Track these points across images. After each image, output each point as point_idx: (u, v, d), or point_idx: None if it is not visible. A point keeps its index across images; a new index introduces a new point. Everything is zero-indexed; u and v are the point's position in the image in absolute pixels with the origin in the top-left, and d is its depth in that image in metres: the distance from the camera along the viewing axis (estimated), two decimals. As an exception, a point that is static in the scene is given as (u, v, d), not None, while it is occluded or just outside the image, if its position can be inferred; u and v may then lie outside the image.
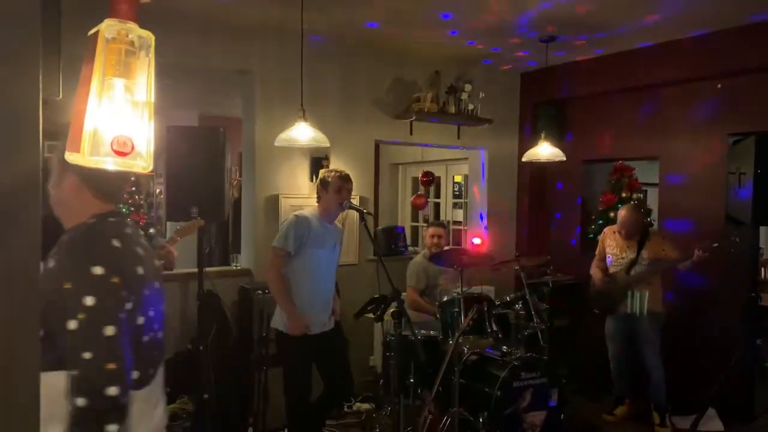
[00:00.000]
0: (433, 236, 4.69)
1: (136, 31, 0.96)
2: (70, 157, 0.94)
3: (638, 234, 4.44)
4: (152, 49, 0.98)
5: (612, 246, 4.58)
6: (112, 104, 0.93)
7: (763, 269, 5.95)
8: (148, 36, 0.98)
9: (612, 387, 4.71)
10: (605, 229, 4.74)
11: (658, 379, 4.36)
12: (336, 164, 4.77)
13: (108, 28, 0.93)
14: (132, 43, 0.95)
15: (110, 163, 0.93)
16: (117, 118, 0.93)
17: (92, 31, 0.94)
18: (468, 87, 5.29)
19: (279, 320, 3.50)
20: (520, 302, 4.18)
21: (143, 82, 0.97)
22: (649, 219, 5.02)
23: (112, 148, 0.91)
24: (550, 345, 4.28)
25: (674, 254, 4.26)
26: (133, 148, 0.93)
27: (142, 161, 0.96)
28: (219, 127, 4.09)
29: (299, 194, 4.73)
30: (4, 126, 0.64)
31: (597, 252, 4.77)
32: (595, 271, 4.69)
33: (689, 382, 4.50)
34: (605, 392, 4.96)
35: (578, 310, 5.40)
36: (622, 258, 4.48)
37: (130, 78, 0.95)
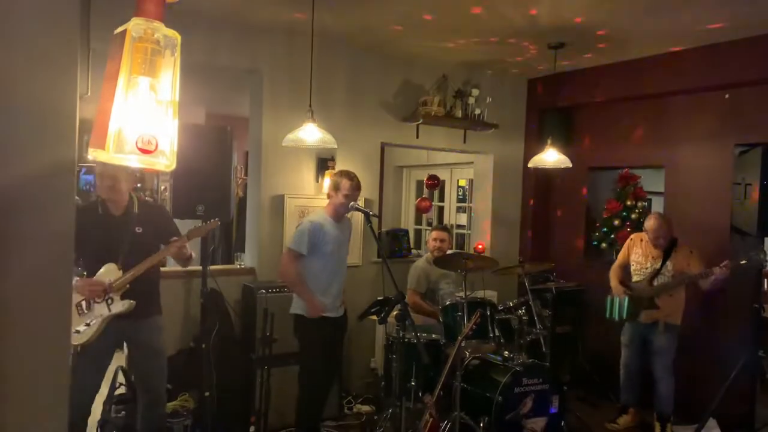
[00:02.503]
0: (435, 239, 4.69)
1: (162, 31, 0.97)
2: (94, 154, 0.94)
3: (666, 244, 4.34)
4: (178, 49, 0.98)
5: (638, 254, 4.47)
6: (137, 102, 0.93)
7: (766, 280, 5.94)
8: (174, 35, 0.99)
9: (618, 395, 4.67)
10: (632, 236, 4.62)
11: (667, 390, 4.32)
12: (342, 166, 4.77)
13: (135, 27, 0.94)
14: (158, 42, 0.96)
15: (134, 161, 0.93)
16: (142, 116, 0.94)
17: (119, 30, 0.95)
18: (475, 91, 5.30)
19: (298, 305, 3.75)
20: (523, 308, 4.18)
21: (168, 81, 0.97)
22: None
23: (136, 146, 0.92)
24: (552, 351, 4.27)
25: (698, 269, 4.15)
26: (157, 146, 0.94)
27: (166, 159, 0.97)
28: (226, 125, 4.10)
29: (304, 194, 4.74)
30: (43, 119, 0.66)
31: (619, 258, 4.66)
32: (612, 279, 4.57)
33: (691, 392, 4.49)
34: (607, 400, 4.96)
35: (581, 317, 5.40)
36: (646, 267, 4.39)
37: (156, 76, 0.96)
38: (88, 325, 3.13)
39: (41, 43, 0.66)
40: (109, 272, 3.20)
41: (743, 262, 3.91)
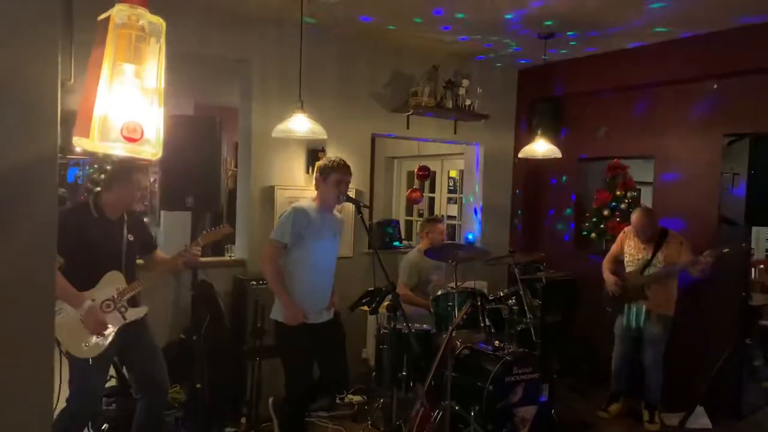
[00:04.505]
0: (442, 232, 4.74)
1: (146, 17, 0.95)
2: (78, 143, 0.93)
3: (655, 236, 4.39)
4: (163, 36, 0.97)
5: (630, 246, 4.53)
6: (122, 90, 0.92)
7: (753, 269, 6.00)
8: (159, 22, 0.97)
9: (608, 383, 4.71)
10: (626, 229, 4.65)
11: (656, 379, 4.37)
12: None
13: (119, 13, 0.92)
14: (142, 29, 0.94)
15: (119, 149, 0.92)
16: (127, 103, 0.92)
17: (103, 16, 0.94)
18: (465, 82, 5.28)
19: (278, 311, 3.41)
20: (513, 297, 4.19)
21: (153, 68, 0.96)
22: None
23: (121, 134, 0.90)
24: (542, 340, 4.29)
25: (687, 258, 4.20)
26: (142, 134, 0.93)
27: (152, 148, 0.96)
28: (215, 116, 4.07)
29: (295, 186, 4.72)
30: (23, 107, 0.64)
31: (612, 250, 4.70)
32: (605, 272, 4.63)
33: (679, 380, 4.54)
34: (596, 388, 4.99)
35: (571, 307, 5.43)
36: (638, 258, 4.44)
37: (140, 64, 0.95)
38: (103, 335, 2.98)
39: (20, 27, 0.64)
40: (113, 280, 3.07)
41: (726, 250, 3.96)
